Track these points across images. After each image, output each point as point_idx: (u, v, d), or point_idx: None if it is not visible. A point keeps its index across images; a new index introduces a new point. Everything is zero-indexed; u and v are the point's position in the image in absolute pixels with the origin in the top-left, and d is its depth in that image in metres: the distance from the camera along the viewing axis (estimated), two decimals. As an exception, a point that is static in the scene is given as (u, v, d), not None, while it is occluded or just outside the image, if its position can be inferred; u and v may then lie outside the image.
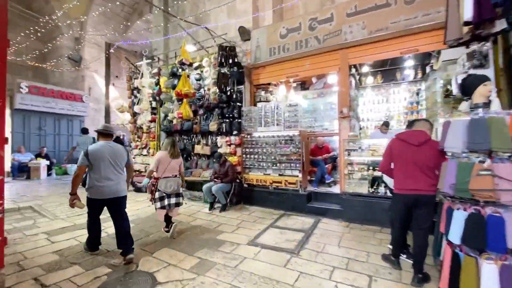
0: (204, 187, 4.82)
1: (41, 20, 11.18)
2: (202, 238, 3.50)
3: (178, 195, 3.63)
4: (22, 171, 8.15)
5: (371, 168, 4.21)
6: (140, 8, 12.12)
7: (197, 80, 5.80)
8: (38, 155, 8.93)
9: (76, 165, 2.92)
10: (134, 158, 7.58)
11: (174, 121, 5.92)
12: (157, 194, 3.49)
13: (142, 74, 5.95)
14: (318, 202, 4.70)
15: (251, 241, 3.33)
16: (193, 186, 5.94)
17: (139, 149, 7.45)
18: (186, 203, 4.54)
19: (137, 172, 7.31)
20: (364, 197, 4.13)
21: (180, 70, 5.79)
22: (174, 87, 5.74)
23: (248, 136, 5.25)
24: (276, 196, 4.89)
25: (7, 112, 8.86)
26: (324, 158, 5.36)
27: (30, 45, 10.86)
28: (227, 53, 5.18)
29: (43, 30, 9.58)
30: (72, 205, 2.84)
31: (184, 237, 3.52)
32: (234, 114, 5.27)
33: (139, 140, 7.48)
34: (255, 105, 5.61)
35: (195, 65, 5.61)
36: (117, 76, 12.62)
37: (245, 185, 5.24)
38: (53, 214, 4.37)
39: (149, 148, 7.19)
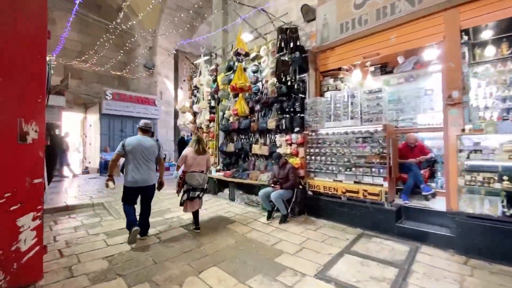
0: (261, 193, 4.20)
1: (121, 33, 12.70)
2: (258, 257, 2.85)
3: (202, 189, 3.78)
4: (107, 168, 9.23)
5: (506, 178, 2.78)
6: (203, 12, 12.55)
7: (254, 72, 5.26)
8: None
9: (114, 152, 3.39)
10: (195, 158, 7.62)
11: (231, 119, 5.52)
12: (184, 187, 3.72)
13: (200, 72, 5.77)
14: (413, 222, 3.47)
15: (320, 273, 2.50)
16: (250, 189, 5.42)
17: (199, 149, 7.41)
18: (233, 206, 4.02)
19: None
20: (494, 222, 2.76)
21: (236, 63, 5.34)
22: (230, 82, 5.35)
23: (313, 134, 4.38)
24: (350, 209, 3.87)
25: (96, 116, 10.30)
26: (419, 161, 4.02)
27: (114, 57, 12.53)
28: (287, 36, 4.43)
29: (128, 45, 10.81)
30: (106, 184, 3.32)
31: (237, 254, 2.94)
32: (295, 107, 4.48)
33: (199, 139, 7.46)
34: (321, 95, 4.69)
35: (252, 55, 5.06)
36: (184, 80, 13.40)
37: (309, 193, 4.39)
38: (117, 213, 4.47)
39: (208, 148, 7.06)
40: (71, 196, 5.43)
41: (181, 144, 8.99)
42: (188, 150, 3.80)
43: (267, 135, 5.60)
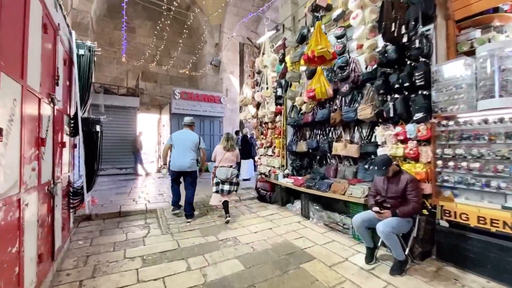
0: (355, 220, 2.65)
1: (191, 34, 12.84)
2: None
3: (231, 183, 4.03)
4: None
5: None
6: (268, -2, 11.49)
7: (338, 38, 3.71)
8: None
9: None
10: (259, 159, 6.57)
11: (304, 108, 4.13)
12: (214, 180, 4.05)
13: (264, 51, 4.59)
14: None
15: None
16: (332, 204, 3.94)
17: (264, 148, 6.30)
18: (308, 227, 2.68)
19: (262, 176, 6.19)
20: None
21: (311, 29, 3.91)
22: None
23: (450, 122, 2.58)
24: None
25: (168, 116, 10.52)
26: None
27: (185, 58, 12.83)
28: (398, -35, 2.74)
29: (201, 46, 10.75)
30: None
31: None
32: (415, 80, 2.74)
33: (263, 137, 6.34)
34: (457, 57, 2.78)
35: (335, 13, 3.53)
36: (249, 76, 12.68)
37: (443, 223, 2.60)
38: (166, 226, 3.73)
39: (274, 147, 5.85)
40: (130, 199, 5.10)
41: (244, 143, 8.12)
42: (218, 147, 4.24)
43: (356, 128, 3.98)
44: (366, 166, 3.68)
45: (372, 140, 3.74)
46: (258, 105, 6.20)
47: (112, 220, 3.98)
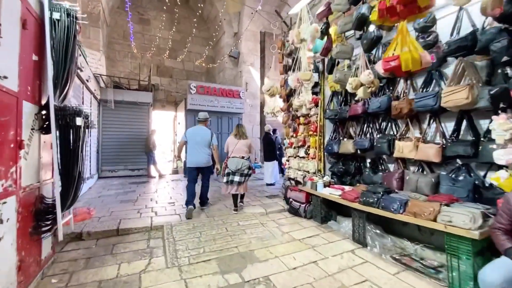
0: (491, 279, 1.50)
1: (208, 26, 12.00)
2: None
3: (242, 174, 4.05)
4: None
5: None
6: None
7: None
8: None
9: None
10: (288, 161, 5.52)
11: (360, 93, 3.00)
12: (226, 171, 4.11)
13: (300, 20, 3.50)
14: None
15: None
16: (396, 226, 2.84)
17: (294, 148, 5.25)
18: (368, 262, 1.70)
19: (291, 182, 5.15)
20: None
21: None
22: (361, 23, 2.86)
23: None
24: None
25: (183, 114, 9.73)
26: None
27: (202, 51, 12.02)
28: None
29: (214, 36, 9.88)
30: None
31: None
32: None
33: (293, 136, 5.29)
34: None
35: None
36: (271, 67, 11.64)
37: None
38: (174, 251, 2.81)
39: (308, 147, 4.78)
40: (134, 210, 4.26)
41: (267, 142, 7.10)
42: (229, 137, 4.40)
43: (431, 121, 2.85)
44: (461, 177, 2.52)
45: (461, 137, 2.60)
46: (287, 97, 5.16)
47: (107, 241, 3.12)
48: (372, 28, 3.05)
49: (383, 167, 3.54)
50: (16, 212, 1.83)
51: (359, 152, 3.75)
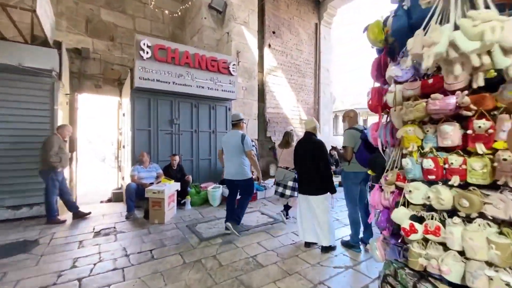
0: None
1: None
2: None
3: (286, 186, 3.86)
4: (142, 198, 4.41)
5: None
6: None
7: None
8: (165, 170, 5.18)
9: None
10: (410, 191, 1.85)
11: None
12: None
13: None
14: None
15: None
16: None
17: (418, 161, 1.56)
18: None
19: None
20: None
21: None
22: None
23: None
24: None
25: (129, 98, 5.60)
26: None
27: (167, 4, 7.79)
28: None
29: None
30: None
31: None
32: None
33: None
34: None
35: None
36: (274, 32, 7.88)
37: None
38: None
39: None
40: None
41: (315, 153, 3.43)
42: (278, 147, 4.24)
43: None
44: None
45: None
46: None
47: None
48: None
49: None
50: None
51: None
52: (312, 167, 3.15)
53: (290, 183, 3.87)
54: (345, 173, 3.27)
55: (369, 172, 3.82)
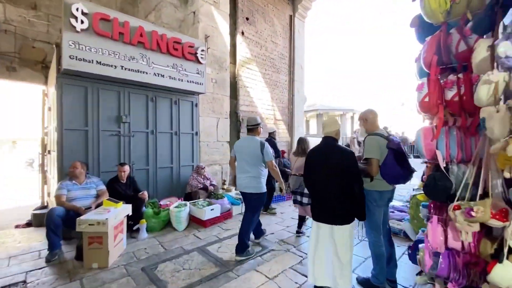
0: None
1: None
2: None
3: (302, 194, 3.66)
4: (72, 227, 2.99)
5: None
6: None
7: None
8: (111, 184, 3.84)
9: None
10: None
11: None
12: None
13: None
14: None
15: None
16: None
17: None
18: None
19: None
20: None
21: None
22: None
23: None
24: None
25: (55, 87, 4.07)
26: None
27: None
28: None
29: None
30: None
31: None
32: None
33: None
34: None
35: None
36: (247, 19, 6.88)
37: None
38: None
39: None
40: None
41: (350, 162, 2.59)
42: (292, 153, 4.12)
43: None
44: None
45: None
46: None
47: None
48: None
49: None
50: None
51: None
52: (338, 186, 2.28)
53: (307, 190, 3.60)
54: (367, 193, 2.50)
55: (419, 197, 3.18)
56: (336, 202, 2.30)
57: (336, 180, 2.30)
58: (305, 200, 3.64)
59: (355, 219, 2.37)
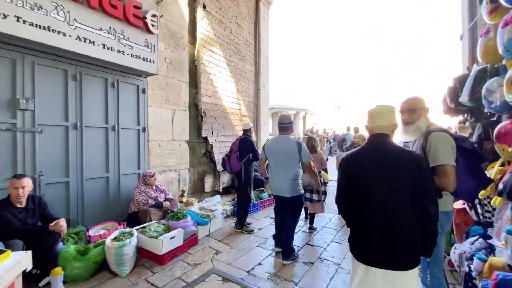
0: None
1: None
2: None
3: (312, 191, 3.71)
4: None
5: None
6: None
7: None
8: (1, 213, 2.29)
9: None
10: None
11: None
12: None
13: None
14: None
15: None
16: None
17: None
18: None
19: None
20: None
21: None
22: None
23: None
24: None
25: None
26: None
27: None
28: None
29: None
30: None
31: None
32: None
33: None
34: None
35: None
36: (210, -10, 5.65)
37: None
38: None
39: None
40: None
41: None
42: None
43: None
44: None
45: None
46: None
47: None
48: None
49: None
50: None
51: None
52: (408, 210, 1.40)
53: (314, 187, 3.61)
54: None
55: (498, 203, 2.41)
56: (400, 235, 1.42)
57: (405, 201, 1.42)
58: (315, 197, 3.77)
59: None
